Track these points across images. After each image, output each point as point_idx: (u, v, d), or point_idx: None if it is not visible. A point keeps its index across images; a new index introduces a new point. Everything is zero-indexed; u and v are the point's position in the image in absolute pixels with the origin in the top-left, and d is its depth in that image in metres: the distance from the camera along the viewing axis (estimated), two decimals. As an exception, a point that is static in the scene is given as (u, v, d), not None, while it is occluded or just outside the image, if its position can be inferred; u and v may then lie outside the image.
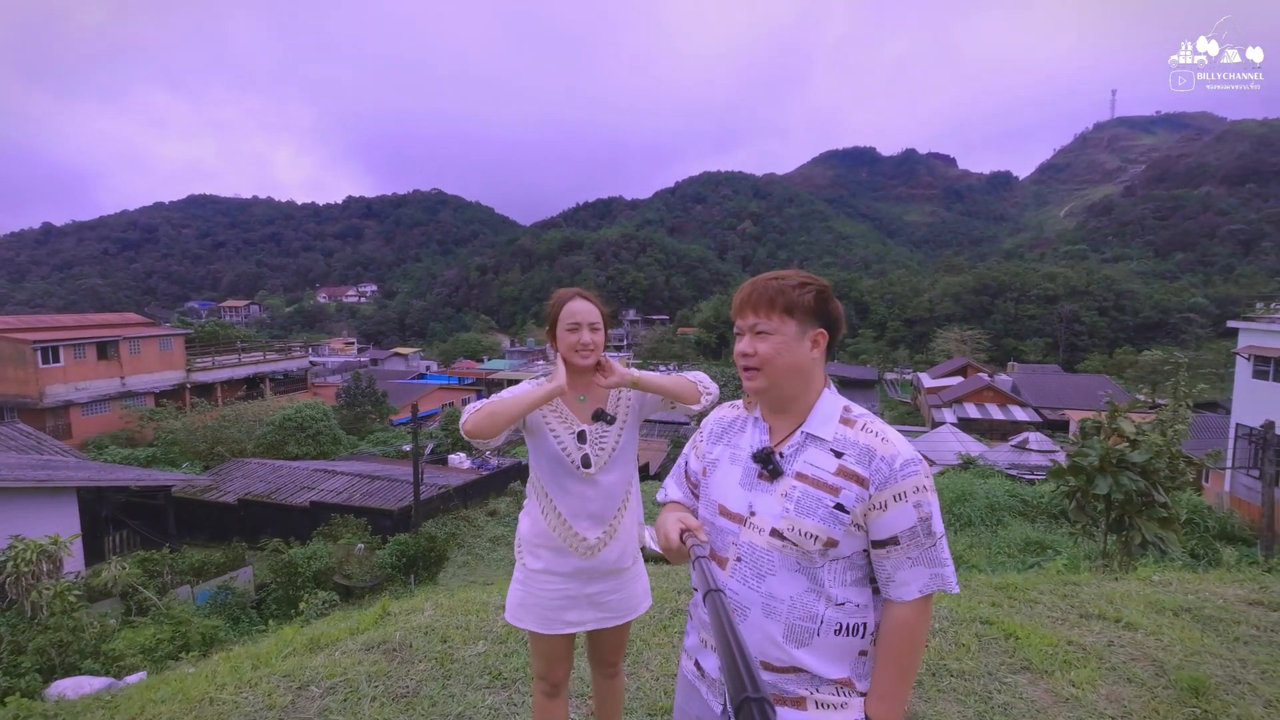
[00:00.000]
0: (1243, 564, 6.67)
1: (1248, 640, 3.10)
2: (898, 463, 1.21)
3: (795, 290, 1.29)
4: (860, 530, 1.23)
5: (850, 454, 1.24)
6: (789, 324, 1.29)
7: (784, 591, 1.24)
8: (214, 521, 15.59)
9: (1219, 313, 67.77)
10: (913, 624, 1.23)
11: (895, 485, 1.20)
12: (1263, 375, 18.03)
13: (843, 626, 1.24)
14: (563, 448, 1.86)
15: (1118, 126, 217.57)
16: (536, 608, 1.90)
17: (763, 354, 1.29)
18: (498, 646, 3.00)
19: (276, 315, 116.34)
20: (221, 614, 9.91)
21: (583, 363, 1.87)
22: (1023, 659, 2.87)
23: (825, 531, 1.21)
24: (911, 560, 1.21)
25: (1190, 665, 2.79)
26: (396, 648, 3.01)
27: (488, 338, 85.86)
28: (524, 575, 1.95)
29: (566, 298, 1.90)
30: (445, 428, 26.22)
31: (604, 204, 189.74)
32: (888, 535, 1.21)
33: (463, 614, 3.40)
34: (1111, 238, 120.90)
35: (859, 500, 1.21)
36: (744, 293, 1.33)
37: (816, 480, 1.24)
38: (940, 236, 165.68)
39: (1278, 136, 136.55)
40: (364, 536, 13.22)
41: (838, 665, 1.25)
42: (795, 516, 1.23)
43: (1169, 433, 5.21)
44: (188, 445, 21.96)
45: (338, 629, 3.42)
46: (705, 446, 1.47)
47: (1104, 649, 2.99)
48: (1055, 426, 35.99)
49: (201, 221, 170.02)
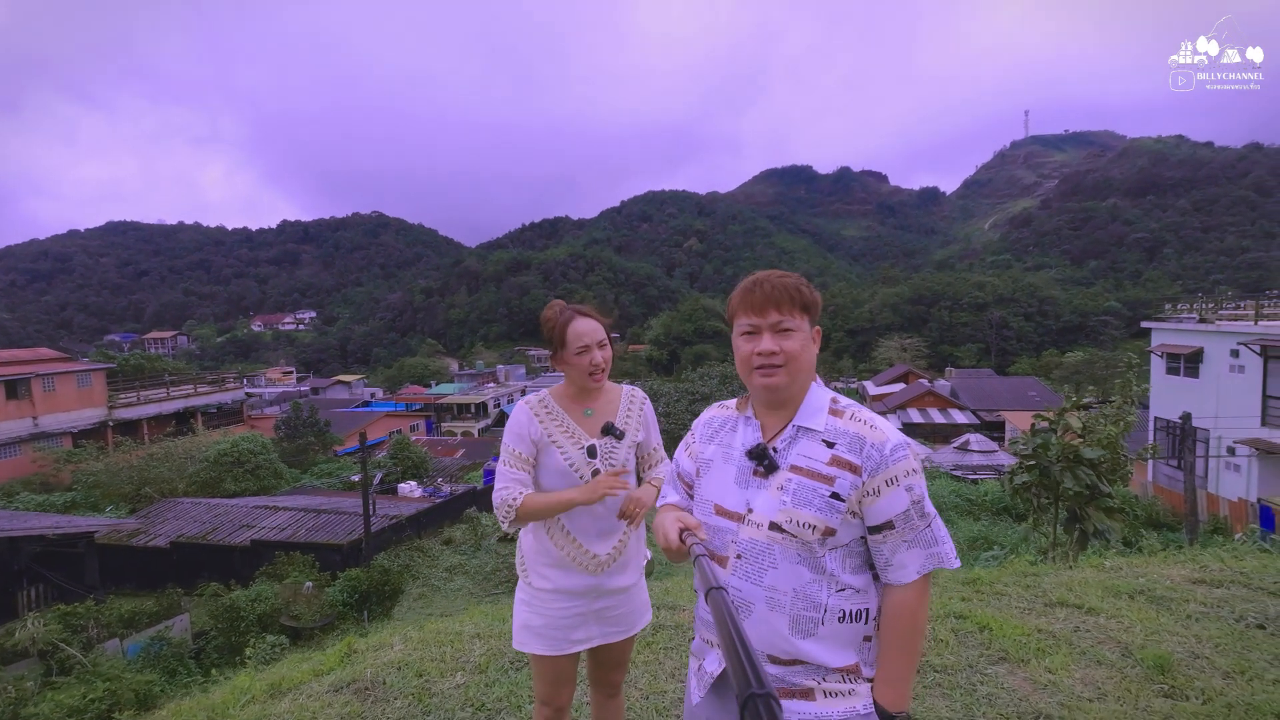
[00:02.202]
0: (1170, 548, 7.10)
1: (1198, 617, 3.28)
2: (888, 448, 1.24)
3: (806, 289, 1.32)
4: (856, 517, 1.25)
5: (842, 443, 1.26)
6: (805, 321, 1.32)
7: (786, 584, 1.25)
8: (144, 568, 14.52)
9: (1130, 315, 72.89)
10: (914, 606, 1.25)
11: (887, 470, 1.23)
12: (1174, 371, 19.41)
13: (846, 613, 1.26)
14: (571, 464, 1.81)
15: (1032, 144, 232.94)
16: (544, 629, 1.83)
17: (789, 350, 1.29)
18: (477, 677, 2.87)
19: (207, 346, 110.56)
20: (156, 667, 9.19)
21: (596, 385, 1.83)
22: (999, 650, 2.94)
23: (823, 521, 1.23)
24: (908, 543, 1.24)
25: (1152, 644, 2.92)
26: (368, 686, 2.84)
27: (435, 362, 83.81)
28: (529, 596, 1.87)
29: (567, 319, 1.81)
30: (394, 455, 25.31)
31: (550, 224, 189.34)
32: (883, 520, 1.24)
33: (435, 645, 3.24)
34: (1032, 247, 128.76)
35: (853, 488, 1.23)
36: (763, 290, 1.31)
37: (811, 471, 1.26)
38: (876, 250, 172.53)
39: (1171, 152, 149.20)
40: (312, 574, 12.54)
41: (843, 653, 1.26)
42: (792, 508, 1.25)
43: (1119, 425, 5.52)
44: (111, 487, 20.43)
45: (299, 671, 3.21)
46: (698, 448, 1.47)
47: (1072, 634, 3.10)
48: (992, 427, 37.73)
49: (122, 249, 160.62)
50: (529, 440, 1.81)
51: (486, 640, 3.26)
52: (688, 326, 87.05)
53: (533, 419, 1.83)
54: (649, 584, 4.31)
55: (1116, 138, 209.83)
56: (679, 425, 21.74)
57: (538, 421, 1.82)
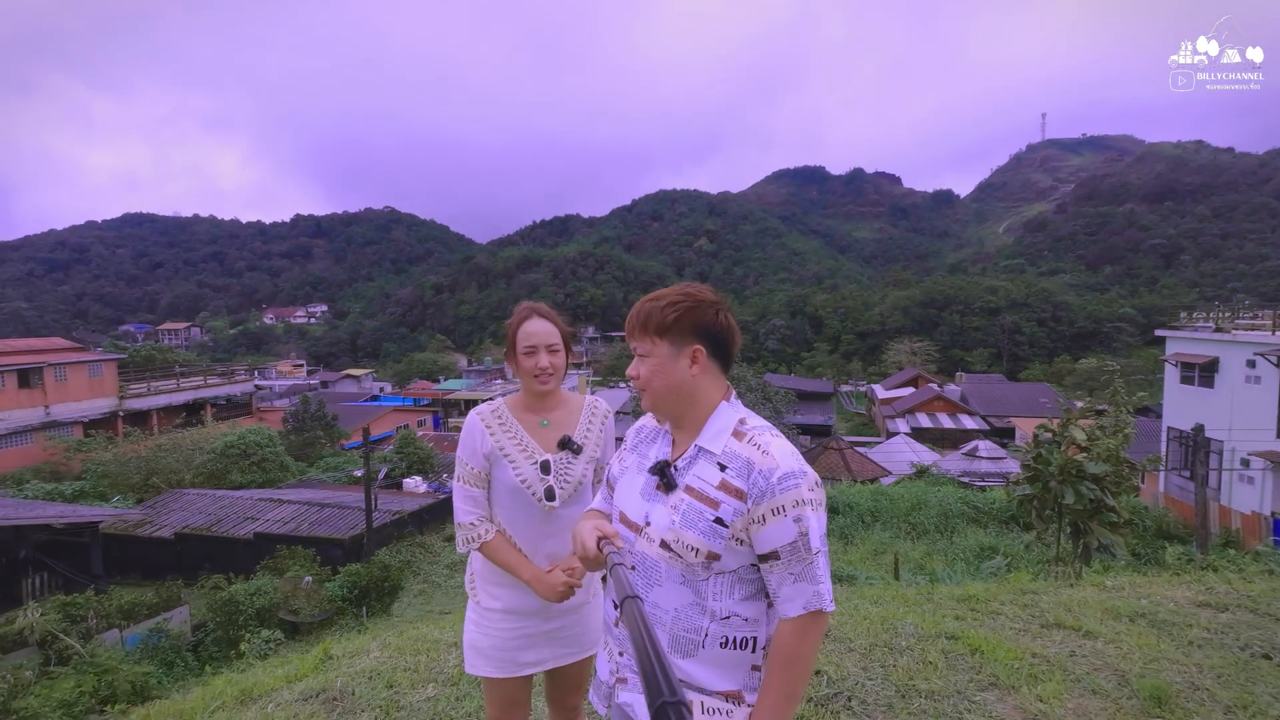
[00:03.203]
0: (1184, 561, 6.94)
1: (1201, 644, 3.15)
2: (775, 476, 1.18)
3: (662, 311, 1.30)
4: (743, 545, 1.21)
5: (733, 467, 1.23)
6: (661, 345, 1.30)
7: (669, 602, 1.25)
8: (147, 558, 14.62)
9: (1146, 322, 71.95)
10: (793, 642, 1.19)
11: (773, 499, 1.18)
12: (1189, 381, 19.08)
13: (729, 640, 1.23)
14: (523, 479, 1.72)
15: (1048, 148, 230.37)
16: (492, 650, 1.76)
17: (643, 376, 1.33)
18: (448, 690, 2.80)
19: (219, 338, 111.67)
20: (154, 659, 9.23)
21: (542, 388, 1.76)
22: (990, 675, 2.84)
23: (706, 545, 1.21)
24: (794, 576, 1.19)
25: (1150, 673, 2.80)
26: (337, 696, 2.78)
27: (444, 357, 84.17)
28: (478, 616, 1.80)
29: (522, 317, 1.78)
30: (400, 451, 25.37)
31: (561, 221, 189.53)
32: (768, 550, 1.19)
33: (411, 654, 3.18)
34: (1047, 252, 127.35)
35: (737, 514, 1.20)
36: (629, 316, 1.36)
37: (700, 494, 1.24)
38: (888, 252, 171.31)
39: (1190, 157, 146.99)
40: (313, 568, 12.57)
41: (725, 678, 1.24)
42: (680, 529, 1.23)
43: (1118, 437, 5.38)
44: (119, 477, 20.63)
45: (273, 677, 3.16)
46: (625, 453, 1.48)
47: (1067, 659, 2.98)
48: (1002, 434, 37.34)
49: (138, 241, 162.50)
50: (480, 454, 1.74)
51: (462, 650, 3.19)
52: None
53: (484, 431, 1.75)
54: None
55: (1135, 142, 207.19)
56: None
57: (489, 433, 1.75)
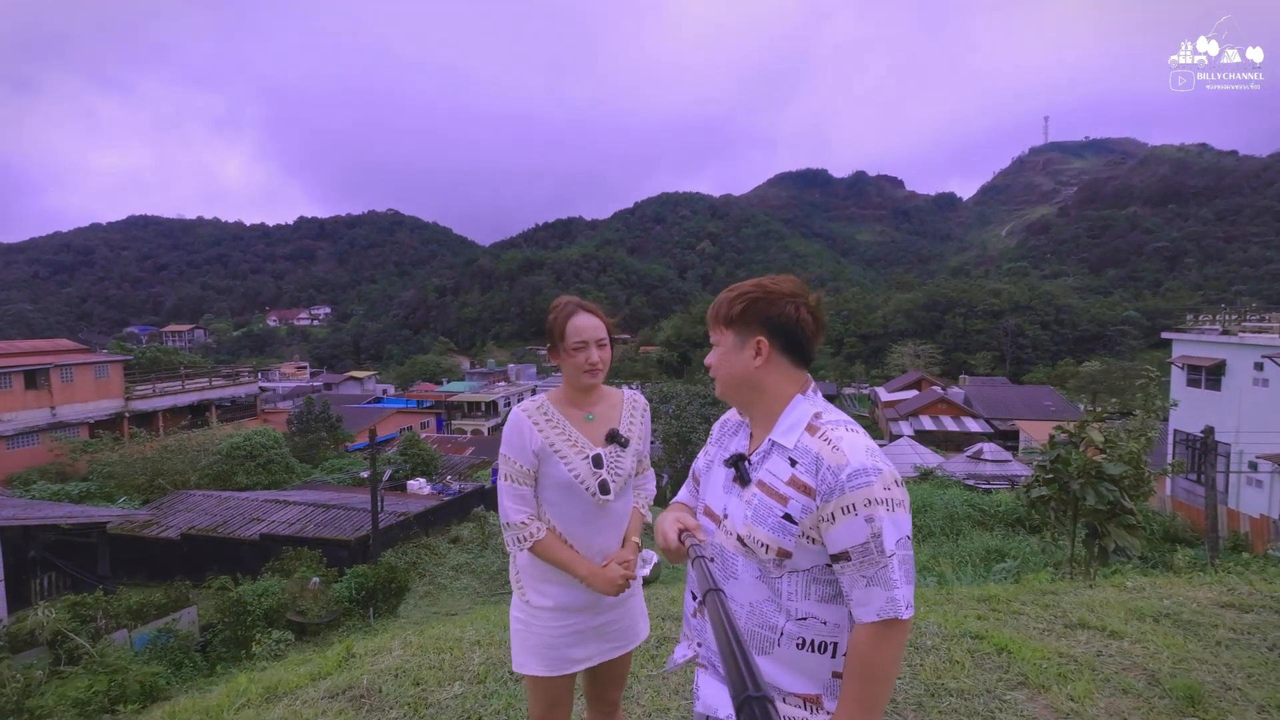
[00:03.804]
0: (1195, 565, 6.90)
1: (1228, 644, 3.13)
2: (844, 473, 1.13)
3: (730, 302, 1.31)
4: (815, 544, 1.17)
5: (803, 463, 1.20)
6: (727, 335, 1.32)
7: (743, 597, 1.24)
8: (154, 559, 14.64)
9: (1149, 324, 71.84)
10: (868, 650, 1.13)
11: (842, 497, 1.13)
12: (1195, 383, 19.03)
13: (806, 642, 1.20)
14: (576, 475, 1.71)
15: (1051, 151, 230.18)
16: (542, 649, 1.74)
17: (712, 365, 1.36)
18: (475, 687, 2.79)
19: (223, 339, 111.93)
20: (163, 659, 9.21)
21: (591, 381, 1.75)
22: (1018, 674, 2.82)
23: (776, 541, 1.19)
24: (866, 579, 1.13)
25: (1181, 673, 2.78)
26: (364, 694, 2.77)
27: (447, 360, 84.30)
28: (527, 615, 1.77)
29: (569, 312, 1.75)
30: (404, 453, 25.38)
31: (564, 224, 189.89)
32: (839, 550, 1.15)
33: (434, 653, 3.17)
34: (1049, 255, 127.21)
35: (806, 511, 1.17)
36: (709, 309, 1.38)
37: (771, 489, 1.22)
38: (891, 255, 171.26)
39: (1194, 160, 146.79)
40: (319, 569, 12.57)
41: (802, 680, 1.21)
42: (752, 524, 1.22)
43: (1141, 440, 5.37)
44: (125, 478, 20.65)
45: (296, 675, 3.15)
46: (711, 446, 1.48)
47: (1094, 659, 2.97)
48: (1006, 436, 37.24)
49: (142, 243, 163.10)
50: (529, 452, 1.71)
51: (486, 648, 3.19)
52: (699, 329, 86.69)
53: (532, 428, 1.72)
54: (653, 590, 4.22)
55: (1138, 145, 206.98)
56: (688, 427, 21.59)
57: (537, 430, 1.73)
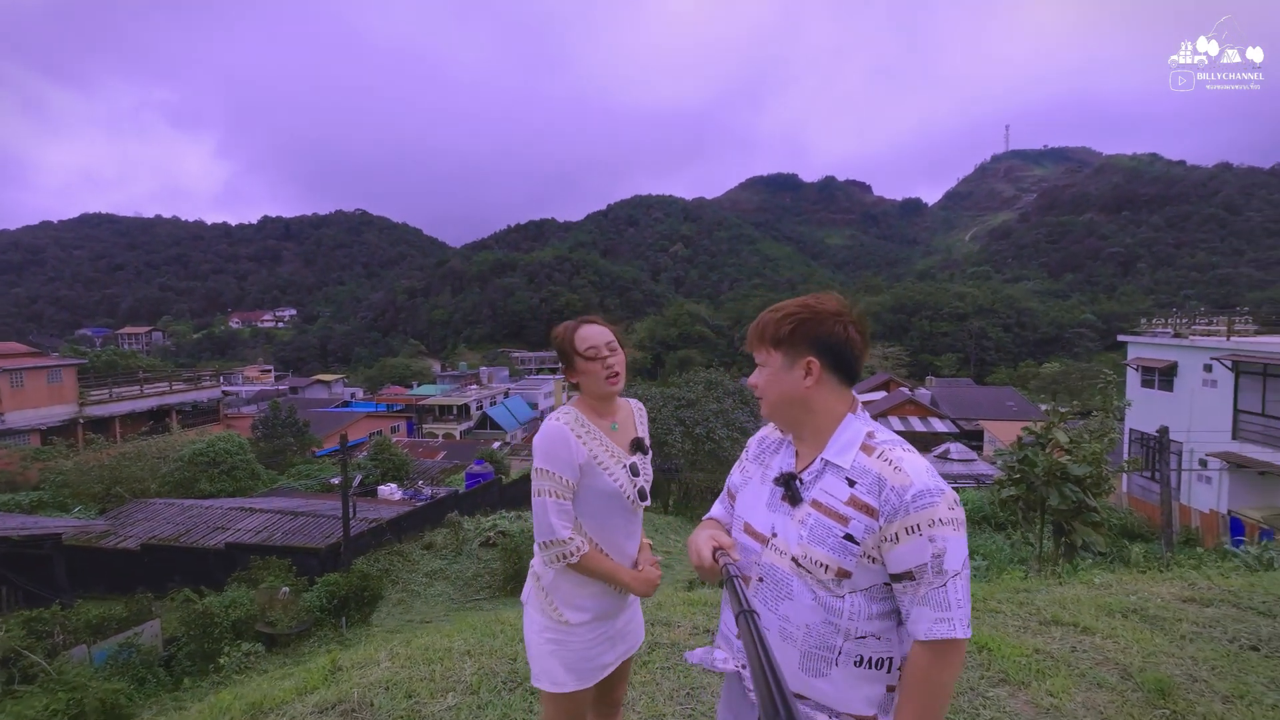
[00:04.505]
0: (1149, 559, 7.20)
1: (1192, 638, 3.29)
2: (909, 493, 1.15)
3: (778, 323, 1.31)
4: (876, 563, 1.18)
5: (863, 483, 1.20)
6: (775, 356, 1.32)
7: (800, 618, 1.22)
8: (113, 571, 14.10)
9: (1105, 327, 74.52)
10: (928, 667, 1.15)
11: (906, 518, 1.14)
12: (1149, 384, 19.80)
13: (864, 659, 1.20)
14: (619, 484, 1.74)
15: (1012, 158, 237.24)
16: (579, 663, 1.74)
17: (759, 386, 1.35)
18: (469, 698, 2.77)
19: (183, 342, 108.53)
20: (125, 675, 8.90)
21: (615, 388, 1.77)
22: (999, 671, 2.92)
23: (836, 562, 1.19)
24: (926, 599, 1.15)
25: (1150, 666, 2.91)
26: (355, 708, 2.73)
27: (417, 362, 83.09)
28: (562, 635, 1.73)
29: (574, 327, 1.80)
30: (374, 458, 24.92)
31: (536, 226, 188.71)
32: (902, 570, 1.16)
33: (424, 664, 3.14)
34: (1011, 260, 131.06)
35: (868, 531, 1.17)
36: (751, 328, 1.38)
37: (829, 509, 1.22)
38: (859, 259, 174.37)
39: (1145, 169, 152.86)
40: (288, 579, 12.27)
41: (860, 699, 1.20)
42: (808, 544, 1.22)
43: (1103, 441, 5.59)
44: (80, 487, 19.85)
45: (281, 689, 3.09)
46: (748, 463, 1.47)
47: (1069, 655, 3.09)
48: (971, 436, 38.23)
49: (96, 242, 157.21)
50: (574, 465, 1.70)
51: (478, 658, 3.17)
52: (672, 331, 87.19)
53: (576, 441, 1.71)
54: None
55: (1093, 154, 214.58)
56: (663, 429, 21.65)
57: (581, 443, 1.72)
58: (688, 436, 22.24)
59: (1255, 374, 16.02)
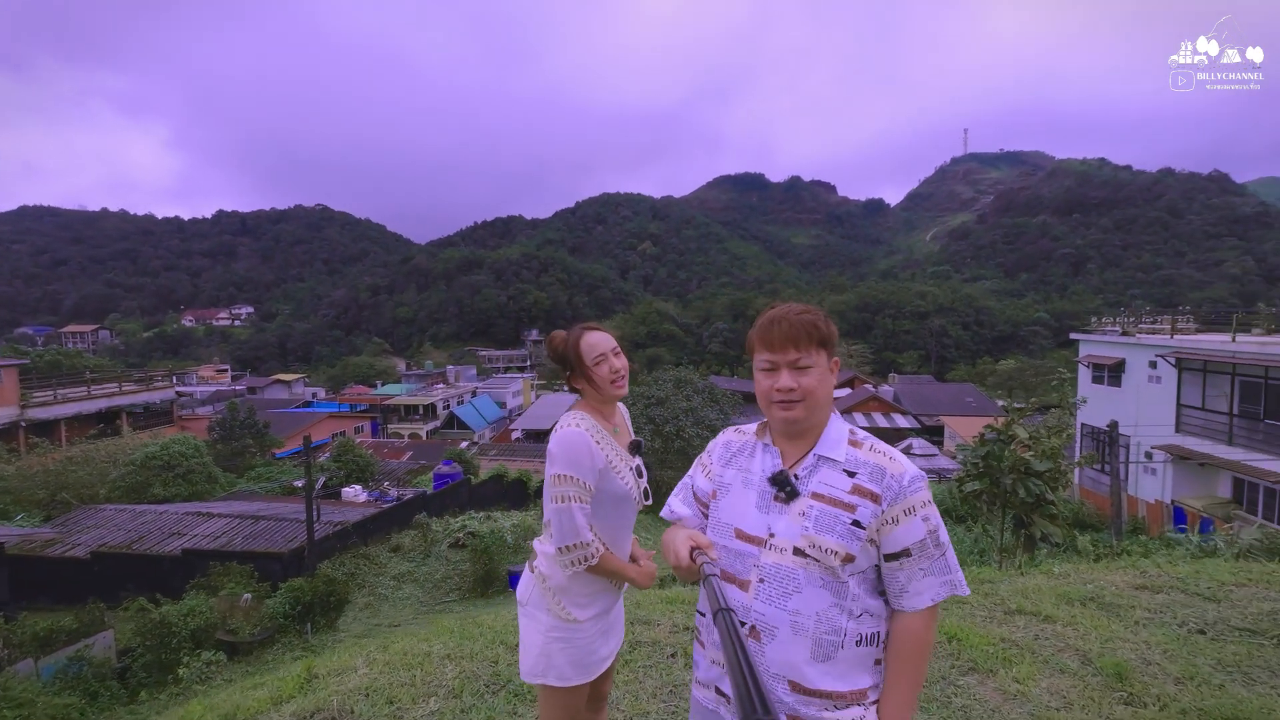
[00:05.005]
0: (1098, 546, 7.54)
1: (1145, 623, 3.46)
2: (906, 479, 1.29)
3: (825, 324, 1.36)
4: (873, 545, 1.29)
5: (863, 473, 1.31)
6: (822, 356, 1.36)
7: (810, 607, 1.28)
8: (61, 580, 13.50)
9: (1058, 325, 77.35)
10: (923, 632, 1.30)
11: (905, 500, 1.28)
12: (1099, 380, 20.63)
13: (863, 637, 1.30)
14: (629, 486, 1.81)
15: (970, 161, 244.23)
16: (584, 657, 1.78)
17: (806, 387, 1.34)
18: (451, 702, 2.75)
19: (132, 341, 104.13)
20: (76, 689, 8.54)
21: (620, 392, 1.82)
22: (968, 660, 3.03)
23: (844, 547, 1.27)
24: (924, 570, 1.28)
25: (1108, 652, 3.06)
26: (335, 716, 2.68)
27: (381, 361, 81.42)
28: (569, 632, 1.75)
29: (578, 335, 1.82)
30: (338, 459, 24.35)
31: (504, 223, 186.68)
32: (900, 548, 1.28)
33: (404, 669, 3.10)
34: (969, 259, 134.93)
35: (873, 516, 1.28)
36: (781, 329, 1.34)
37: (833, 499, 1.30)
38: (824, 258, 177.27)
39: (1095, 173, 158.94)
40: (250, 585, 11.93)
41: (857, 677, 1.30)
42: (815, 534, 1.29)
43: (1061, 436, 5.83)
44: (23, 493, 18.91)
45: (254, 699, 3.02)
46: (716, 470, 1.49)
47: (1033, 643, 3.22)
48: (933, 432, 39.29)
49: (37, 236, 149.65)
50: (594, 470, 1.73)
51: (458, 661, 3.15)
52: (641, 330, 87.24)
53: (595, 447, 1.74)
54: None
55: (1046, 158, 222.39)
56: (633, 428, 21.73)
57: (600, 449, 1.75)
58: (657, 434, 22.34)
59: (1196, 370, 16.84)
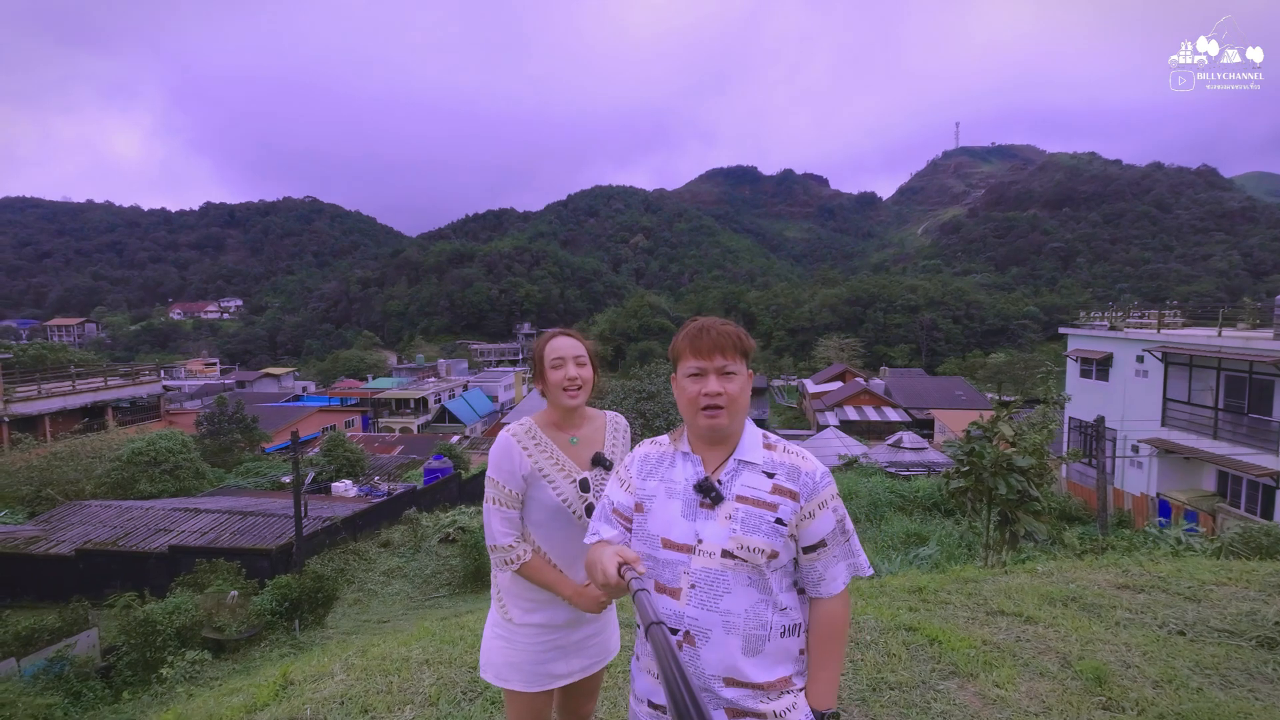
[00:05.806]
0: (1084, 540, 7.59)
1: (1125, 624, 3.47)
2: (818, 475, 1.41)
3: (745, 337, 1.46)
4: (793, 540, 1.39)
5: (780, 473, 1.41)
6: (743, 365, 1.44)
7: (739, 605, 1.35)
8: (45, 578, 13.36)
9: (1047, 319, 77.86)
10: (841, 614, 1.41)
11: (819, 495, 1.40)
12: (1087, 374, 20.79)
13: (785, 629, 1.38)
14: (563, 499, 1.76)
15: (961, 155, 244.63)
16: (525, 664, 1.77)
17: (731, 393, 1.41)
18: (428, 710, 2.72)
19: (119, 334, 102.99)
20: (58, 689, 8.46)
21: (571, 401, 1.78)
22: (949, 664, 3.02)
23: (770, 544, 1.35)
24: (836, 557, 1.41)
25: (1088, 654, 3.06)
26: (308, 725, 2.65)
27: (372, 355, 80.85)
28: (508, 631, 1.80)
29: (548, 338, 1.85)
30: (328, 453, 24.20)
31: (495, 215, 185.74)
32: (817, 539, 1.39)
33: (381, 675, 3.07)
34: (960, 253, 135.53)
35: (793, 513, 1.38)
36: (710, 337, 1.42)
37: (756, 500, 1.39)
38: (817, 251, 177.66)
39: (1085, 168, 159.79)
40: (237, 581, 11.84)
41: (784, 665, 1.38)
42: (742, 535, 1.35)
43: (1044, 432, 5.84)
44: (6, 489, 18.70)
45: (229, 707, 2.97)
46: (636, 483, 1.52)
47: (1014, 645, 3.22)
48: (923, 425, 39.50)
49: (20, 228, 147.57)
50: (518, 476, 1.74)
51: (436, 667, 3.11)
52: (633, 323, 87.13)
53: (521, 453, 1.75)
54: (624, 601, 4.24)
55: (1037, 152, 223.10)
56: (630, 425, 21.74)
57: (526, 455, 1.75)
58: (648, 429, 22.32)
59: (1182, 364, 16.98)
